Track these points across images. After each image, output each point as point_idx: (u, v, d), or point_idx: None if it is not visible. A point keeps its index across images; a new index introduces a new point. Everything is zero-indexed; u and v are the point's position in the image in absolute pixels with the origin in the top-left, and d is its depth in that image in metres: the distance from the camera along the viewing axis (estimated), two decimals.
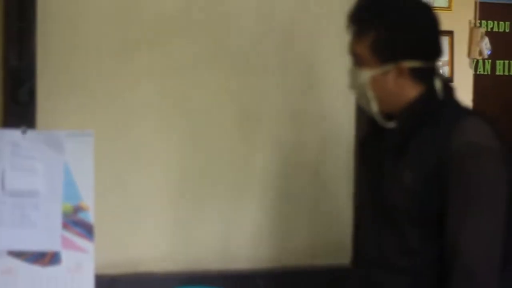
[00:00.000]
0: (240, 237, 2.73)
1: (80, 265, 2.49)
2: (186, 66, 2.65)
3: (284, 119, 2.76)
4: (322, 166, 2.76)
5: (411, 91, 2.06)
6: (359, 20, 2.06)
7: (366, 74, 2.04)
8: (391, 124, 2.08)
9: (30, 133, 2.44)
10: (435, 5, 5.81)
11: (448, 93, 2.10)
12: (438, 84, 2.08)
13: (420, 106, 2.05)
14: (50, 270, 2.47)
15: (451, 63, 6.10)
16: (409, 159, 2.02)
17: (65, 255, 2.47)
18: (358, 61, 2.06)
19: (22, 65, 2.44)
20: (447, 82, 2.13)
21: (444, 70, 6.12)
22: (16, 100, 2.45)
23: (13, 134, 2.43)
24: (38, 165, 2.44)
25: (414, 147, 2.02)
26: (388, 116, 2.09)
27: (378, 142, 2.14)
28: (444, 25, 2.14)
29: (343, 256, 2.77)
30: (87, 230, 2.49)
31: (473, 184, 1.95)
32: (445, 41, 6.06)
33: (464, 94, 5.98)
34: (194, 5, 2.64)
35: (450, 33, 6.05)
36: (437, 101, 2.07)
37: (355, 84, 2.09)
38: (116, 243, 2.60)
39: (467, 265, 1.94)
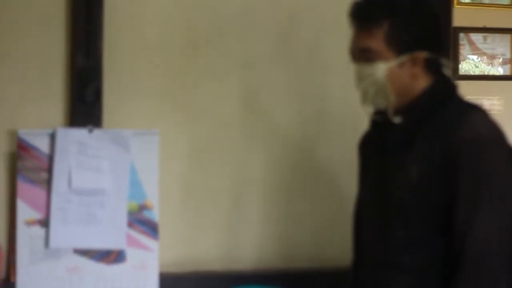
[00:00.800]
0: (300, 237, 2.72)
1: (145, 263, 2.52)
2: (249, 65, 2.65)
3: (347, 118, 2.74)
4: None
5: (422, 82, 2.05)
6: (369, 13, 2.03)
7: (383, 68, 2.01)
8: (398, 119, 2.06)
9: (97, 132, 2.47)
10: (496, 2, 5.74)
11: (452, 89, 2.09)
12: (445, 76, 2.07)
13: (428, 98, 2.04)
14: (115, 268, 2.50)
15: None
16: (415, 153, 2.01)
17: (130, 253, 2.50)
18: (370, 57, 2.02)
19: (88, 65, 2.48)
20: (451, 78, 2.11)
21: (506, 68, 6.02)
22: (83, 99, 2.48)
23: (80, 133, 2.47)
24: (104, 164, 2.47)
25: (420, 141, 2.01)
26: (394, 112, 2.07)
27: (379, 141, 2.13)
28: (506, 23, 2.12)
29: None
30: (151, 228, 2.51)
31: (484, 174, 1.94)
32: (506, 38, 5.96)
33: None
34: (256, 4, 2.65)
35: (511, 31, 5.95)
36: (444, 93, 2.06)
37: (369, 81, 2.04)
38: (179, 241, 2.61)
39: (477, 256, 1.92)
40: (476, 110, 2.04)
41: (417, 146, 2.01)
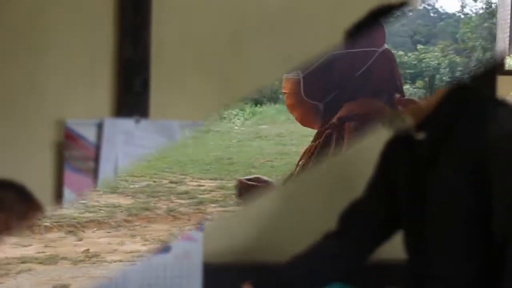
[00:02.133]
0: None
1: (189, 253, 2.53)
2: (295, 60, 2.64)
3: None
4: None
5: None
6: None
7: None
8: (421, 135, 1.99)
9: (144, 122, 2.49)
10: None
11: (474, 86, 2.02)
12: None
13: (448, 104, 1.97)
14: (159, 257, 2.52)
15: None
16: (446, 164, 1.95)
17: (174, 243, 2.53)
18: None
19: (136, 56, 2.49)
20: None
21: None
22: (130, 90, 2.49)
23: (127, 124, 2.49)
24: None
25: (450, 150, 1.94)
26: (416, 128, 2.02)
27: (406, 154, 2.07)
28: None
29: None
30: None
31: None
32: None
33: None
34: None
35: None
36: (466, 94, 1.98)
37: None
38: (223, 232, 2.62)
39: None
40: (501, 107, 1.95)
41: (447, 156, 1.95)
